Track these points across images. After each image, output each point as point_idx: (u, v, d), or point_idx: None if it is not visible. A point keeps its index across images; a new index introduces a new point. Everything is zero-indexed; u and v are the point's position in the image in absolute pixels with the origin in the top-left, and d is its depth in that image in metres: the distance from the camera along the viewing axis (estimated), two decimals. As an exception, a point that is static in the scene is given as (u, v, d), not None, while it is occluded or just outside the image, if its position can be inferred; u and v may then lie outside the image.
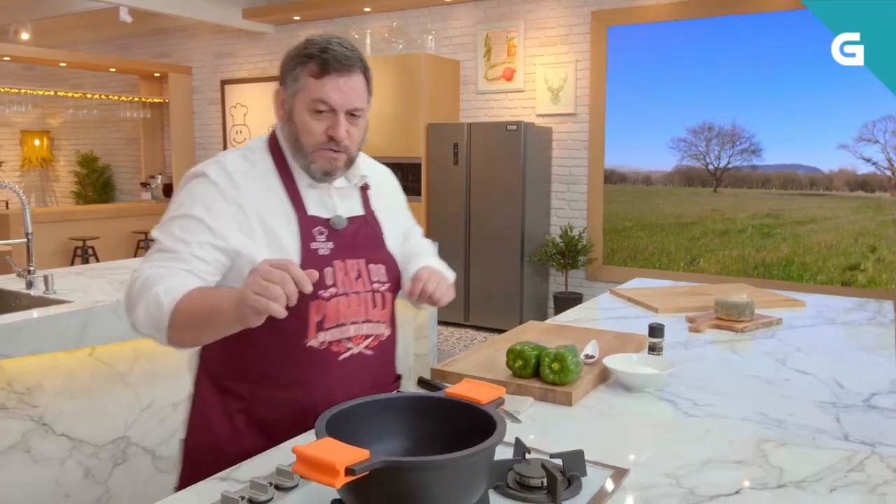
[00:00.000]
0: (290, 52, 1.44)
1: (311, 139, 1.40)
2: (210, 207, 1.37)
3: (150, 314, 1.26)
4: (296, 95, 1.40)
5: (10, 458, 2.39)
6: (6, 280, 3.07)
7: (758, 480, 1.20)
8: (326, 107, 1.38)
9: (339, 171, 1.45)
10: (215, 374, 1.48)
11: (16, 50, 7.71)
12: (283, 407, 1.41)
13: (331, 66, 1.37)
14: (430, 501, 0.93)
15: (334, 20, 7.40)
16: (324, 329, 1.40)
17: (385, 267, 1.50)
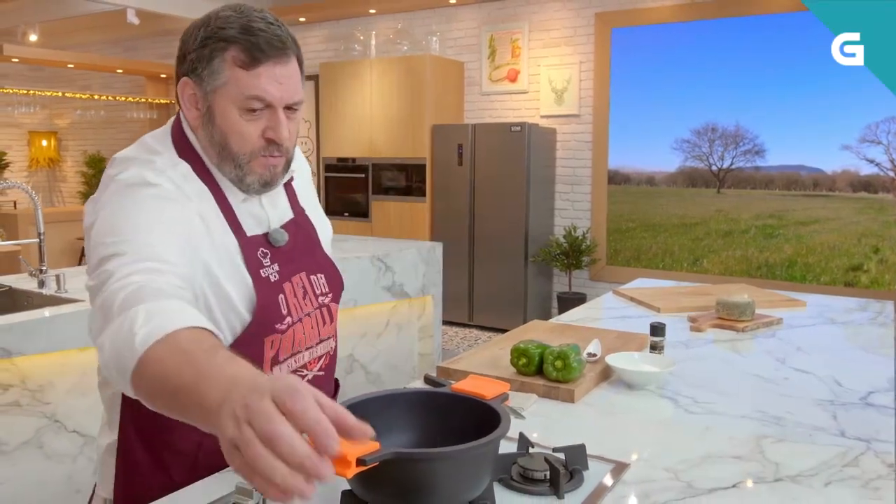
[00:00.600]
0: (195, 32, 1.14)
1: (246, 145, 1.14)
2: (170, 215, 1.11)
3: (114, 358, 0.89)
4: (217, 91, 1.12)
5: (24, 454, 2.44)
6: (19, 279, 3.12)
7: (755, 475, 1.24)
8: (262, 104, 1.12)
9: (278, 178, 1.21)
10: (145, 428, 1.20)
11: (24, 51, 7.77)
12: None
13: (263, 52, 1.10)
14: (437, 492, 0.96)
15: (339, 21, 7.45)
16: (279, 363, 1.22)
17: (325, 276, 1.32)
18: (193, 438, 1.15)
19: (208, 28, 1.13)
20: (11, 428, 2.40)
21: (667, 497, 1.15)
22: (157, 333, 0.86)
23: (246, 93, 1.11)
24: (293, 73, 1.15)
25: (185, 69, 1.15)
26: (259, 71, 1.11)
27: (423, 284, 4.25)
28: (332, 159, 6.94)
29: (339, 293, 1.35)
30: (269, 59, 1.11)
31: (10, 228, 6.73)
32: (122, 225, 1.06)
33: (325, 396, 0.71)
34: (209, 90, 1.13)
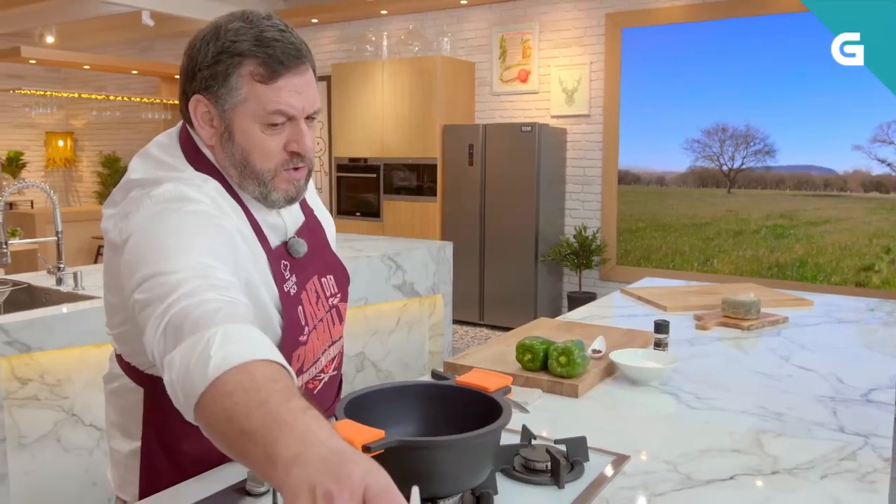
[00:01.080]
0: (204, 46, 1.09)
1: (270, 161, 1.11)
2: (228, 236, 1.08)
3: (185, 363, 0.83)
4: (236, 108, 1.09)
5: (43, 447, 2.50)
6: (37, 277, 3.19)
7: (752, 467, 1.26)
8: (285, 117, 1.09)
9: (302, 192, 1.18)
10: (170, 440, 1.21)
11: (41, 53, 7.88)
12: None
13: (282, 64, 1.07)
14: (440, 479, 1.00)
15: (351, 23, 7.51)
16: (302, 372, 1.23)
17: (334, 276, 1.31)
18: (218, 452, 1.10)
19: (219, 42, 1.08)
20: (31, 421, 2.46)
21: (665, 488, 1.18)
22: (234, 360, 0.80)
23: (268, 108, 1.08)
24: (311, 82, 1.12)
25: (197, 86, 1.11)
26: (279, 84, 1.07)
27: (434, 283, 4.29)
28: (344, 159, 7.00)
29: (346, 291, 1.36)
30: (288, 70, 1.08)
31: (28, 227, 6.83)
32: (170, 242, 0.98)
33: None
34: (227, 108, 1.09)
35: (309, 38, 7.83)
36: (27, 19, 8.03)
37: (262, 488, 1.12)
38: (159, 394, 1.02)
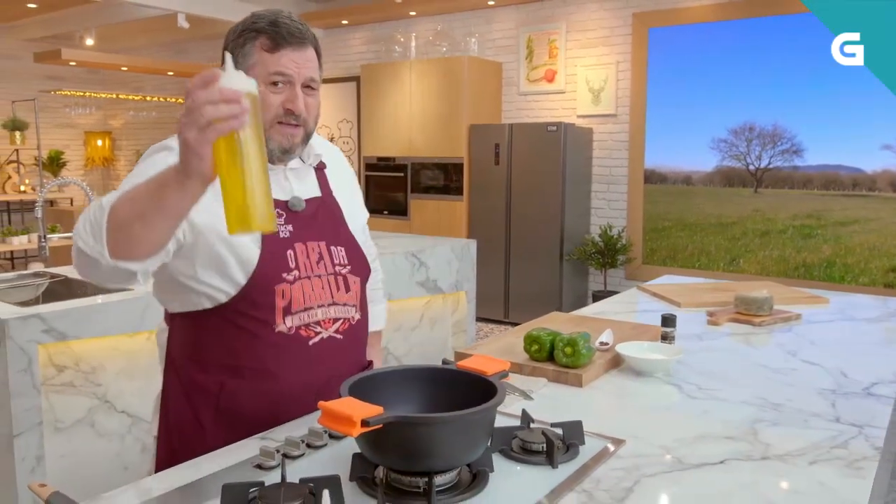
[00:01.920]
0: (234, 29, 1.40)
1: (269, 113, 1.35)
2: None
3: (88, 222, 1.15)
4: (248, 70, 1.34)
5: (78, 432, 2.62)
6: (74, 269, 3.32)
7: (743, 453, 1.31)
8: (283, 79, 1.35)
9: (297, 148, 1.42)
10: (181, 368, 1.44)
11: (81, 55, 8.12)
12: (254, 400, 1.39)
13: (284, 40, 1.35)
14: (435, 454, 1.07)
15: (381, 24, 7.61)
16: (291, 313, 1.38)
17: (345, 249, 1.49)
18: (217, 379, 1.40)
19: (244, 24, 1.39)
20: (66, 407, 2.58)
21: (655, 470, 1.23)
22: (115, 196, 1.15)
23: (269, 70, 1.35)
24: (310, 58, 1.39)
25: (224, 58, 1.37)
26: (280, 54, 1.35)
27: (457, 280, 4.35)
28: (373, 158, 7.10)
29: (361, 269, 1.51)
30: (288, 45, 1.35)
31: (67, 223, 7.05)
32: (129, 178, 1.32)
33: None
34: (242, 69, 1.30)
35: (339, 39, 7.96)
36: (68, 22, 8.28)
37: (273, 462, 1.20)
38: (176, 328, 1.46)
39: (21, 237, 5.67)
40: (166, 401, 1.47)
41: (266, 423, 1.39)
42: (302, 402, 1.41)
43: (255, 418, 1.39)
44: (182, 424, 1.43)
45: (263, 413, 1.39)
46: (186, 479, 1.17)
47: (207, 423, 1.40)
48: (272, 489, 1.06)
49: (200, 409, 1.41)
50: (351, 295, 1.48)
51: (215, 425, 1.39)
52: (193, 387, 1.42)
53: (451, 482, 1.13)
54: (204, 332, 1.39)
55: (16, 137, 5.87)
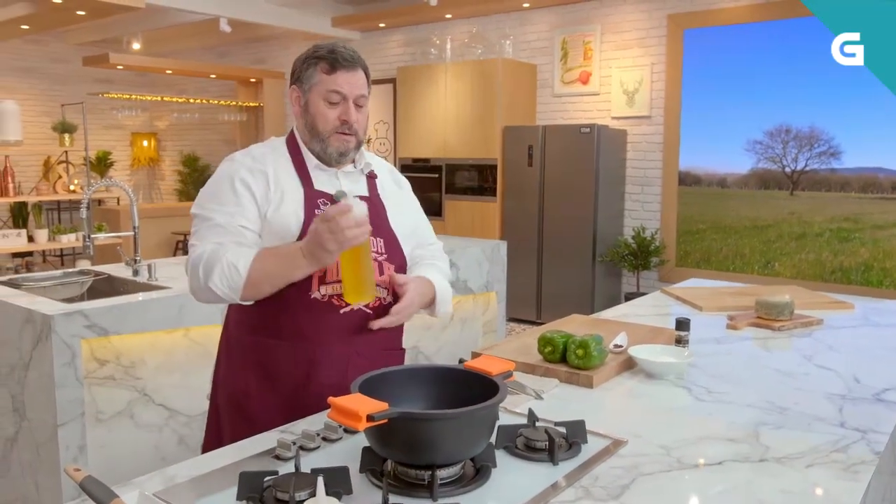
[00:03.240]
0: (300, 57, 1.71)
1: (327, 124, 1.65)
2: (243, 179, 1.62)
3: (226, 279, 1.53)
4: (311, 90, 1.66)
5: (118, 423, 2.75)
6: (116, 268, 3.47)
7: (742, 455, 1.35)
8: (338, 96, 1.64)
9: (350, 152, 1.70)
10: (233, 333, 1.72)
11: (128, 59, 8.37)
12: (290, 362, 1.61)
13: (340, 64, 1.64)
14: (438, 448, 1.14)
15: (417, 27, 7.70)
16: (325, 283, 1.60)
17: (384, 241, 1.70)
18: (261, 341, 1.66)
19: (308, 53, 1.69)
20: (107, 399, 2.71)
21: (653, 469, 1.28)
22: (249, 259, 1.54)
23: (328, 88, 1.65)
24: (360, 79, 1.68)
25: (293, 81, 1.72)
26: (336, 75, 1.65)
27: (487, 281, 4.41)
28: (408, 159, 7.19)
29: (398, 260, 1.72)
30: (343, 68, 1.65)
31: (113, 223, 7.29)
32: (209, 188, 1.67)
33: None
34: (306, 89, 1.67)
35: (376, 42, 8.07)
36: (116, 27, 8.55)
37: (290, 453, 1.28)
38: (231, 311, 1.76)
39: (69, 235, 5.89)
40: (219, 366, 1.75)
41: (301, 385, 1.60)
42: (335, 367, 1.62)
43: (292, 378, 1.61)
44: (232, 386, 1.68)
45: (299, 374, 1.61)
46: (208, 468, 1.26)
47: (252, 383, 1.64)
48: (285, 478, 1.14)
49: (247, 371, 1.65)
50: (384, 278, 1.67)
51: (260, 385, 1.63)
52: (241, 349, 1.67)
53: (454, 476, 1.19)
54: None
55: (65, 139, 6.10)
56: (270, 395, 1.62)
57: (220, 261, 1.53)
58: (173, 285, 3.06)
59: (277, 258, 1.54)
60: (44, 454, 2.67)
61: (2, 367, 2.83)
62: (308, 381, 1.61)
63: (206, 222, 1.62)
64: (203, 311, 2.93)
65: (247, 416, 1.62)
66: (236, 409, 1.66)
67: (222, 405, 1.72)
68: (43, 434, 2.65)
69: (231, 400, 1.69)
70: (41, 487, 2.72)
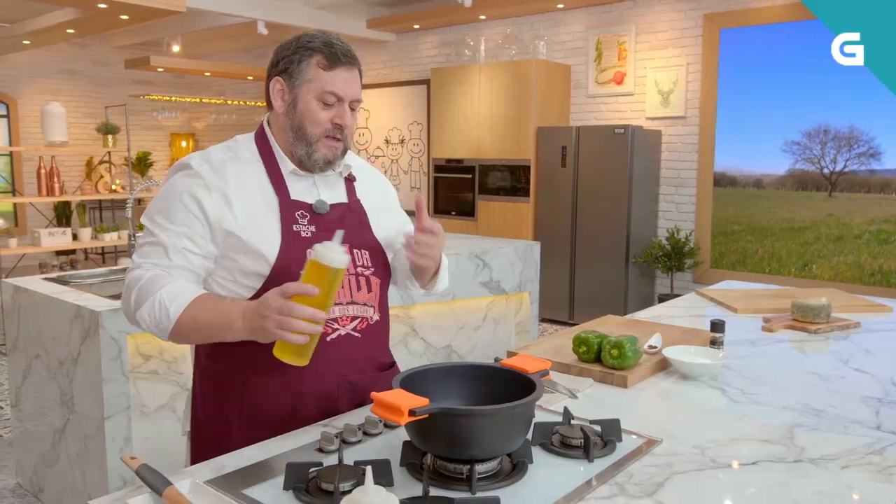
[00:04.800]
0: (289, 45, 1.50)
1: (318, 128, 1.47)
2: (196, 198, 1.43)
3: (154, 317, 1.38)
4: (302, 86, 1.46)
5: (161, 416, 2.83)
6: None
7: (777, 456, 1.36)
8: (335, 98, 1.47)
9: (337, 160, 1.53)
10: (208, 367, 1.55)
11: (168, 62, 8.55)
12: (275, 396, 1.47)
13: (339, 60, 1.46)
14: (476, 443, 1.17)
15: (451, 28, 7.74)
16: None
17: (369, 252, 1.55)
18: (240, 375, 1.51)
19: (298, 42, 1.49)
20: (151, 393, 2.80)
21: (687, 468, 1.30)
22: (182, 304, 1.38)
23: (325, 88, 1.47)
24: (357, 79, 1.52)
25: (277, 71, 1.51)
26: (335, 73, 1.47)
27: (520, 282, 4.44)
28: (441, 160, 7.24)
29: (383, 273, 1.60)
30: (342, 65, 1.48)
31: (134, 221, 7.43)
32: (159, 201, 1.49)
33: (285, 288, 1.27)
34: (296, 85, 1.48)
35: (411, 43, 8.13)
36: (156, 30, 8.74)
37: (332, 446, 1.33)
38: None
39: (112, 234, 6.05)
40: (195, 399, 1.59)
41: (287, 418, 1.47)
42: (321, 397, 1.50)
43: (277, 413, 1.47)
44: (210, 421, 1.54)
45: (285, 408, 1.47)
46: (254, 459, 1.31)
47: (233, 419, 1.49)
48: (330, 469, 1.18)
49: (227, 406, 1.50)
50: (371, 295, 1.55)
51: (240, 421, 1.49)
52: (220, 384, 1.52)
53: (492, 470, 1.23)
54: None
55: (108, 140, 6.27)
56: (253, 431, 1.45)
57: (154, 295, 1.38)
58: (214, 283, 3.13)
59: (214, 313, 1.36)
60: (91, 446, 2.77)
61: (51, 362, 2.94)
62: (293, 415, 1.48)
63: (150, 237, 1.44)
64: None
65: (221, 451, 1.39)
66: (214, 445, 1.45)
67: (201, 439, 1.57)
68: (90, 426, 2.75)
69: (212, 439, 1.51)
70: (88, 478, 2.82)
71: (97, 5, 5.41)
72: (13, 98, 9.72)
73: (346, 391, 1.52)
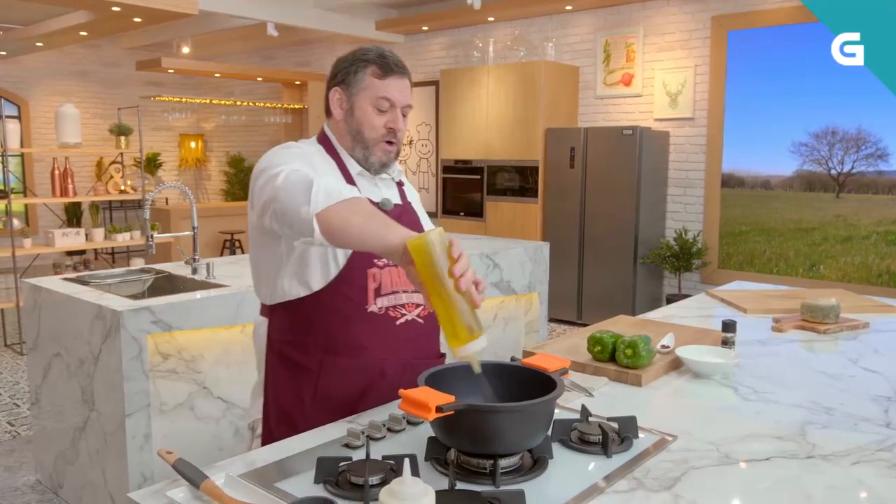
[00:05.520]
0: (346, 58, 1.66)
1: (374, 132, 1.62)
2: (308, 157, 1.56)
3: (327, 190, 1.34)
4: (359, 94, 1.61)
5: (179, 414, 2.89)
6: (175, 266, 3.63)
7: (790, 452, 1.40)
8: (388, 104, 1.62)
9: (391, 163, 1.68)
10: (283, 352, 1.64)
11: (179, 63, 8.62)
12: (349, 376, 1.57)
13: (391, 70, 1.62)
14: (499, 439, 1.22)
15: (460, 29, 7.78)
16: (381, 295, 1.59)
17: None
18: (316, 358, 1.60)
19: (354, 55, 1.65)
20: (170, 391, 2.85)
21: (702, 463, 1.34)
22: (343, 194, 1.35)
23: (379, 94, 1.62)
24: (408, 87, 1.68)
25: (336, 82, 1.66)
26: (388, 81, 1.62)
27: (530, 282, 4.48)
28: (450, 161, 7.29)
29: None
30: (394, 74, 1.63)
31: (164, 222, 7.52)
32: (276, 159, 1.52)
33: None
34: (353, 93, 1.63)
35: (419, 44, 8.18)
36: (166, 32, 8.81)
37: (359, 442, 1.38)
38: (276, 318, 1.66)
39: (124, 234, 6.11)
40: (269, 383, 1.68)
41: (357, 399, 1.58)
42: (392, 377, 1.60)
43: (349, 393, 1.58)
44: (285, 403, 1.63)
45: (356, 388, 1.58)
46: (284, 454, 1.36)
47: (307, 399, 1.60)
48: (359, 464, 1.23)
49: (302, 388, 1.61)
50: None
51: (314, 401, 1.59)
52: (295, 366, 1.62)
53: (514, 465, 1.27)
54: (303, 318, 1.60)
55: (121, 142, 6.33)
56: (325, 411, 1.56)
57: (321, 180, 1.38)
58: (230, 283, 3.19)
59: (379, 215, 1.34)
60: (111, 443, 2.82)
61: (71, 361, 3.00)
62: (363, 397, 1.59)
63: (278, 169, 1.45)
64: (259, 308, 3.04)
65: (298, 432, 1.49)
66: (288, 424, 1.59)
67: (274, 421, 1.66)
68: (111, 424, 2.80)
69: (283, 416, 1.63)
70: (108, 474, 2.87)
71: (111, 8, 5.47)
72: (24, 99, 9.81)
73: (410, 375, 1.59)
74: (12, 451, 3.71)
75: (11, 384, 4.80)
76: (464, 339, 1.21)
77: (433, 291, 1.21)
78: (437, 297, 1.21)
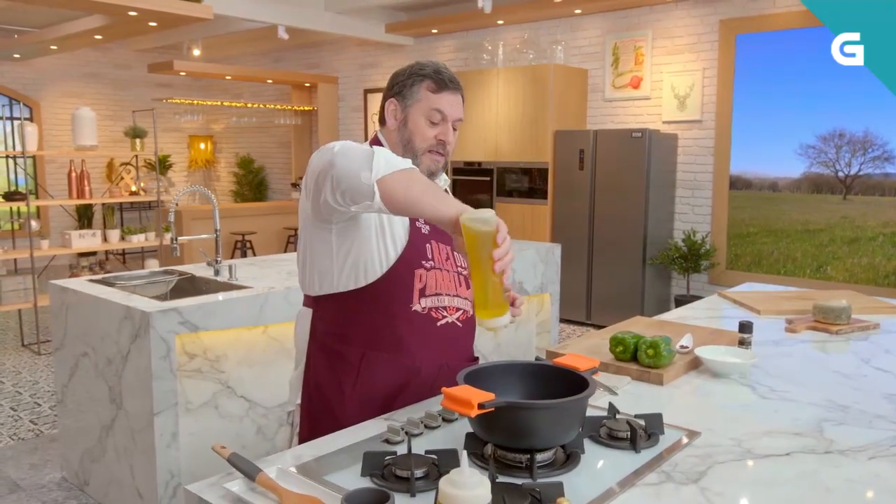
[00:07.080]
0: (403, 71, 1.74)
1: (424, 142, 1.70)
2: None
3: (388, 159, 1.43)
4: (413, 105, 1.70)
5: (204, 413, 2.96)
6: (197, 268, 3.70)
7: (808, 447, 1.47)
8: (440, 116, 1.69)
9: (439, 172, 1.77)
10: (326, 342, 1.71)
11: (190, 66, 8.70)
12: (389, 371, 1.64)
13: (446, 85, 1.70)
14: (536, 434, 1.29)
15: (469, 32, 7.85)
16: (425, 296, 1.66)
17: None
18: (359, 350, 1.67)
19: (411, 70, 1.73)
20: (196, 390, 2.92)
21: (726, 458, 1.41)
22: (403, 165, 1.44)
23: (432, 107, 1.70)
24: (460, 102, 1.75)
25: (392, 94, 1.74)
26: (442, 95, 1.70)
27: (542, 283, 4.55)
28: (460, 163, 7.36)
29: None
30: (448, 90, 1.71)
31: (176, 224, 7.58)
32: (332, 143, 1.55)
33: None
34: (408, 105, 1.71)
35: (429, 47, 8.25)
36: (177, 34, 8.89)
37: (399, 438, 1.45)
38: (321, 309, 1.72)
39: (139, 235, 6.19)
40: (310, 373, 1.75)
41: (394, 395, 1.65)
42: (427, 376, 1.68)
43: (387, 388, 1.65)
44: (325, 391, 1.70)
45: (394, 383, 1.65)
46: (329, 449, 1.43)
47: (347, 391, 1.67)
48: (403, 458, 1.30)
49: (343, 379, 1.68)
50: (469, 293, 1.74)
51: (353, 393, 1.66)
52: (337, 357, 1.69)
53: (548, 460, 1.34)
54: (348, 312, 1.67)
55: (136, 144, 6.41)
56: (364, 404, 1.64)
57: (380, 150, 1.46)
58: (253, 285, 3.26)
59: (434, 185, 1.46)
60: (139, 441, 2.90)
61: (99, 360, 3.07)
62: (401, 392, 1.66)
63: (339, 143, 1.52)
64: (281, 309, 3.13)
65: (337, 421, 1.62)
66: (328, 413, 1.67)
67: (313, 411, 1.73)
68: (139, 422, 2.88)
69: (324, 406, 1.70)
70: (136, 471, 2.95)
71: (127, 13, 5.56)
72: (36, 101, 9.90)
73: (445, 374, 1.68)
74: (36, 448, 3.79)
75: (31, 384, 4.88)
76: (491, 312, 1.38)
77: (474, 265, 1.36)
78: (476, 269, 1.36)
